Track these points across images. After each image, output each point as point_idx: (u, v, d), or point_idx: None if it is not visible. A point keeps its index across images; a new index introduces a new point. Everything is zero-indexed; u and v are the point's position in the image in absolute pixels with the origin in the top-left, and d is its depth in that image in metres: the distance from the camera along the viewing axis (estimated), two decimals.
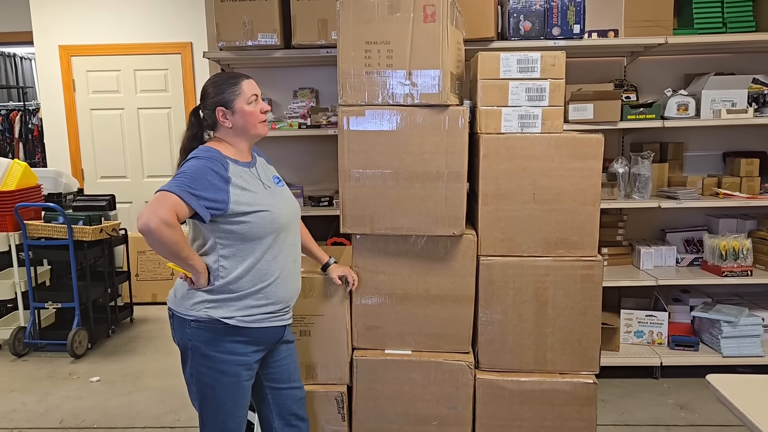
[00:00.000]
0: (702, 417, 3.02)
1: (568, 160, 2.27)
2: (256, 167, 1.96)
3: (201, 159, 1.79)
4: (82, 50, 5.20)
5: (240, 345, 1.88)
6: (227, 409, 1.93)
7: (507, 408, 2.36)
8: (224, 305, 1.86)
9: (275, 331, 1.96)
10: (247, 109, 1.88)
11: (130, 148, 5.35)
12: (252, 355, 1.92)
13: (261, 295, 1.89)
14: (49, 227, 3.99)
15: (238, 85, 1.88)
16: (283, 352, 2.07)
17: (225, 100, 1.87)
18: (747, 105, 3.31)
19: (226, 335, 1.86)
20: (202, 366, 1.89)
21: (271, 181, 1.99)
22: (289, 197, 2.02)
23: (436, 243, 2.33)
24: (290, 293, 1.98)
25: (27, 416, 3.19)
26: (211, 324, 1.85)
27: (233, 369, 1.89)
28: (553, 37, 3.19)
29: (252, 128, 1.91)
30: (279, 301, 1.93)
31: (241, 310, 1.87)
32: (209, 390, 1.91)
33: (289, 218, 1.94)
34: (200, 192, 1.73)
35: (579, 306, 2.34)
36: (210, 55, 3.37)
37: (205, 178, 1.75)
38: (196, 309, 1.86)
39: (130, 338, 4.36)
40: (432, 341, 2.40)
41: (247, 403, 1.99)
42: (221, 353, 1.87)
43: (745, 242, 3.37)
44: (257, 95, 1.92)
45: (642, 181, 3.37)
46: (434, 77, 2.18)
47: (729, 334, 3.32)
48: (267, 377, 2.07)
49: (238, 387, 1.92)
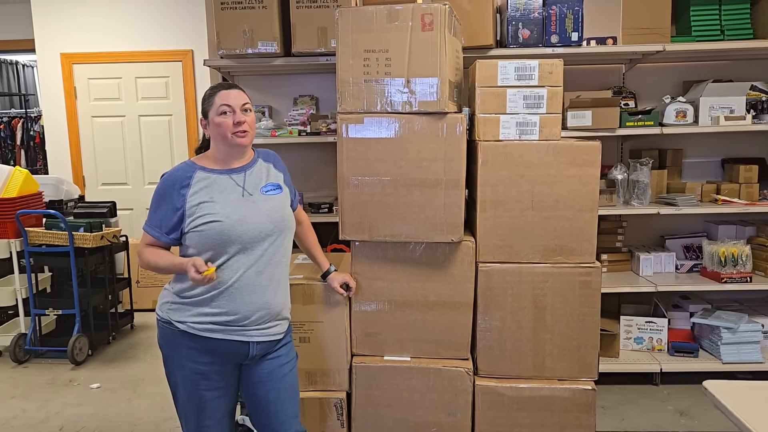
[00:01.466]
0: (702, 423, 3.01)
1: (565, 167, 2.28)
2: (245, 174, 1.94)
3: (158, 187, 1.92)
4: (83, 58, 5.23)
5: (195, 352, 1.88)
6: (190, 416, 1.93)
7: (506, 414, 2.36)
8: (181, 309, 1.88)
9: (233, 345, 1.88)
10: (216, 120, 1.89)
11: (131, 155, 5.37)
12: (208, 365, 1.88)
13: (214, 303, 1.85)
14: (50, 234, 4.00)
15: (213, 96, 1.91)
16: (259, 375, 1.96)
17: (204, 110, 1.94)
18: (745, 112, 3.32)
19: (183, 339, 1.88)
20: (168, 366, 1.94)
21: (257, 190, 1.93)
22: (270, 208, 1.92)
23: (435, 250, 2.33)
24: (248, 306, 1.87)
25: (27, 423, 3.19)
26: (170, 326, 1.89)
27: (190, 375, 1.89)
28: (552, 44, 3.21)
29: (223, 138, 1.89)
30: (233, 312, 1.86)
31: (194, 316, 1.86)
32: (175, 390, 1.95)
33: (249, 230, 1.85)
34: (157, 223, 1.89)
35: (577, 312, 2.34)
36: (210, 63, 3.39)
37: (160, 209, 1.89)
38: (163, 309, 1.93)
39: (130, 345, 4.37)
40: (431, 348, 2.40)
41: (214, 414, 1.92)
42: (179, 357, 1.90)
43: (744, 248, 3.38)
44: (229, 105, 1.87)
45: (641, 188, 3.38)
46: (432, 85, 2.20)
47: (729, 340, 3.32)
48: (245, 396, 2.02)
49: (196, 395, 1.89)
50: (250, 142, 1.95)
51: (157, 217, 1.89)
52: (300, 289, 2.33)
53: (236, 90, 1.92)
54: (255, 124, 1.97)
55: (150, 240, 1.91)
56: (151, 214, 1.91)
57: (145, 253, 1.91)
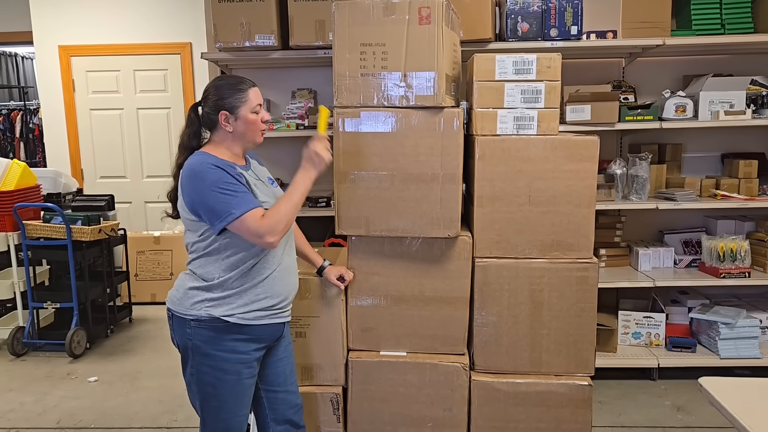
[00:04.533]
0: (699, 419, 3.01)
1: (563, 162, 2.27)
2: (252, 170, 1.99)
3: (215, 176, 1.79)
4: (81, 50, 5.21)
5: (241, 343, 1.89)
6: (229, 408, 1.93)
7: (502, 410, 2.36)
8: (224, 303, 1.87)
9: (275, 328, 1.98)
10: (251, 117, 1.89)
11: (130, 148, 5.36)
12: (253, 353, 1.93)
13: (259, 290, 1.90)
14: (47, 227, 4.00)
15: (246, 92, 1.89)
16: (281, 352, 2.07)
17: (230, 105, 1.87)
18: (745, 106, 3.30)
19: (227, 333, 1.88)
20: (203, 365, 1.90)
21: (267, 182, 2.04)
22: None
23: (432, 245, 2.32)
24: (288, 287, 1.99)
25: (25, 416, 3.19)
26: (212, 323, 1.87)
27: (234, 367, 1.90)
28: (551, 38, 3.19)
29: (252, 136, 1.93)
30: (277, 294, 1.94)
31: (240, 307, 1.87)
32: (210, 389, 1.91)
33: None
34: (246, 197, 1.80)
35: (574, 308, 2.33)
36: (208, 56, 3.38)
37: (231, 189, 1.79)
38: (197, 308, 1.87)
39: (128, 338, 4.37)
40: (427, 343, 2.40)
41: (248, 401, 1.99)
42: (222, 352, 1.88)
43: (743, 244, 3.37)
44: (261, 104, 1.93)
45: (640, 183, 3.37)
46: (429, 79, 2.18)
47: (727, 335, 3.32)
48: (263, 379, 2.07)
49: (240, 385, 1.92)
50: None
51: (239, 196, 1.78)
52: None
53: (257, 87, 1.96)
54: None
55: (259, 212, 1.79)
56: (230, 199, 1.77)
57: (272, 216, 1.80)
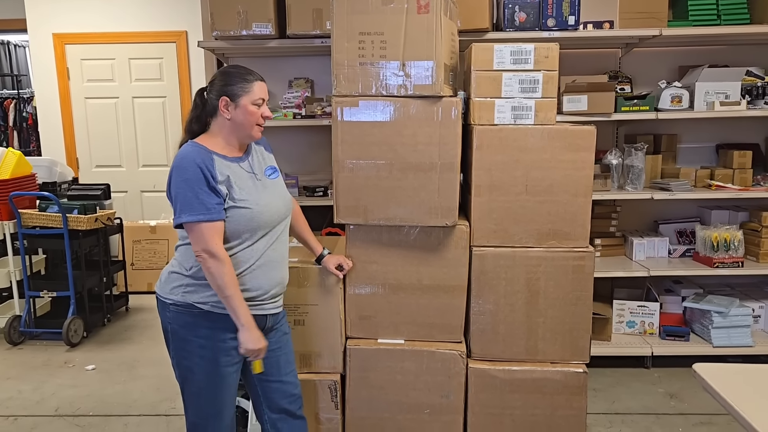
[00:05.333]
0: (691, 406, 3.05)
1: (560, 152, 2.29)
2: (250, 160, 1.96)
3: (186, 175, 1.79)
4: (76, 38, 5.17)
5: (217, 331, 1.88)
6: (207, 394, 1.94)
7: (498, 397, 2.39)
8: (200, 290, 1.87)
9: (255, 320, 1.91)
10: (251, 108, 1.87)
11: (125, 137, 5.34)
12: (230, 341, 1.89)
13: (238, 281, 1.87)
14: (43, 216, 3.99)
15: (251, 83, 1.88)
16: (272, 343, 2.02)
17: (233, 92, 1.87)
18: (740, 97, 3.32)
19: (204, 320, 1.88)
20: (182, 350, 1.92)
21: (262, 174, 1.97)
22: (280, 191, 2.00)
23: (429, 233, 2.34)
24: (270, 282, 1.94)
25: (23, 404, 3.21)
26: (189, 308, 1.88)
27: (211, 354, 1.89)
28: (548, 28, 3.19)
29: (248, 128, 1.89)
30: (256, 288, 1.91)
31: (214, 296, 1.85)
32: (189, 374, 1.93)
33: (273, 215, 1.92)
34: (204, 204, 1.78)
35: (570, 296, 2.36)
36: (204, 45, 3.37)
37: (196, 189, 1.78)
38: (175, 293, 1.89)
39: (125, 327, 4.38)
40: (425, 331, 2.42)
41: (230, 389, 1.97)
42: (199, 338, 1.89)
43: (736, 234, 3.40)
44: (264, 99, 1.91)
45: (635, 173, 3.39)
46: (428, 68, 2.19)
47: (719, 324, 3.36)
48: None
49: (217, 373, 1.91)
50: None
51: (197, 200, 1.78)
52: (295, 272, 2.32)
53: (264, 83, 1.95)
54: None
55: (213, 230, 1.78)
56: (188, 201, 1.78)
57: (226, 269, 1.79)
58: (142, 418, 3.04)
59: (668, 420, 2.93)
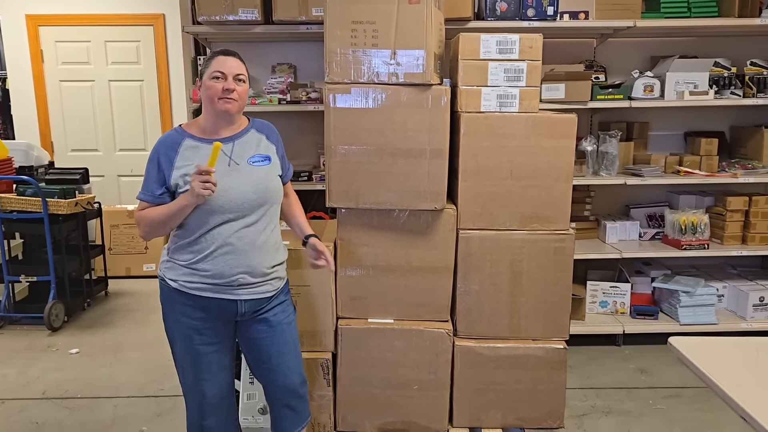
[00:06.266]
0: (660, 380, 3.23)
1: (543, 139, 2.39)
2: (233, 143, 1.97)
3: (150, 153, 1.97)
4: (50, 20, 5.08)
5: (189, 308, 1.96)
6: (187, 371, 2.02)
7: (483, 372, 2.51)
8: (173, 268, 1.97)
9: (223, 303, 1.95)
10: (207, 83, 1.92)
11: (102, 121, 5.28)
12: (200, 321, 1.97)
13: (199, 266, 1.93)
14: (23, 200, 3.96)
15: (211, 60, 1.94)
16: (259, 331, 2.06)
17: (201, 72, 1.98)
18: (708, 87, 3.48)
19: (178, 296, 1.97)
20: (165, 321, 2.03)
21: (244, 160, 1.96)
22: (256, 178, 1.95)
23: (418, 217, 2.43)
24: (232, 270, 1.93)
25: (8, 388, 3.21)
26: (165, 284, 1.99)
27: (185, 331, 1.98)
28: (528, 18, 3.29)
29: (210, 102, 1.92)
30: (219, 275, 1.92)
31: (184, 275, 1.95)
32: (172, 345, 2.04)
33: (233, 199, 1.90)
34: (149, 188, 1.94)
35: (551, 277, 2.48)
36: (189, 29, 3.38)
37: (149, 174, 1.95)
38: (160, 268, 2.04)
39: (106, 311, 4.38)
40: (413, 311, 2.51)
41: (210, 368, 2.00)
42: (175, 313, 1.99)
43: (703, 217, 3.57)
44: (223, 72, 1.90)
45: (609, 159, 3.53)
46: (418, 57, 2.27)
47: (686, 303, 3.54)
48: (246, 351, 2.13)
49: (192, 349, 1.98)
50: (237, 110, 1.95)
51: (149, 182, 1.94)
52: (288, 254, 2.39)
53: (234, 59, 1.94)
54: (246, 95, 1.99)
55: (144, 206, 1.95)
56: (144, 181, 1.95)
57: (143, 216, 1.93)
58: (131, 400, 3.08)
59: (639, 393, 3.09)
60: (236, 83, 1.92)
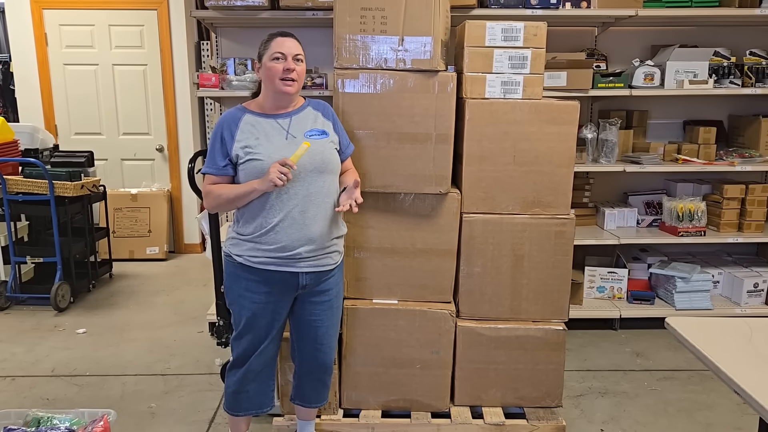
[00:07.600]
0: (656, 363, 3.31)
1: (546, 125, 2.45)
2: (290, 118, 2.07)
3: (213, 131, 2.09)
4: (54, 3, 5.09)
5: (253, 283, 2.08)
6: (245, 338, 2.16)
7: (484, 352, 2.58)
8: (238, 244, 2.08)
9: (285, 276, 2.06)
10: (268, 64, 2.02)
11: (105, 104, 5.31)
12: (264, 295, 2.08)
13: (263, 239, 2.03)
14: (29, 182, 4.00)
15: (270, 41, 2.04)
16: (313, 313, 2.17)
17: (259, 54, 2.07)
18: (708, 76, 3.53)
19: (241, 272, 2.08)
20: (229, 296, 2.17)
21: (301, 134, 2.05)
22: (312, 150, 2.00)
23: (423, 200, 2.49)
24: (294, 242, 2.02)
25: (18, 365, 3.28)
26: (232, 259, 2.10)
27: (247, 304, 2.10)
28: (531, 6, 3.33)
29: (271, 83, 2.02)
30: (282, 248, 2.02)
31: (249, 250, 2.06)
32: (235, 315, 2.17)
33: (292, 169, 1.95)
34: (213, 160, 2.05)
35: (552, 260, 2.54)
36: (197, 14, 3.41)
37: (213, 149, 2.06)
38: (226, 244, 2.15)
39: (111, 293, 4.44)
40: (417, 292, 2.58)
41: (268, 336, 2.15)
42: (238, 288, 2.11)
43: (700, 205, 3.64)
44: (283, 53, 2.00)
45: (609, 147, 3.59)
46: (426, 44, 2.32)
47: (682, 289, 3.61)
48: (294, 327, 2.25)
49: (253, 320, 2.12)
50: (296, 90, 2.06)
51: (213, 155, 2.05)
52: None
53: (292, 39, 2.05)
54: (304, 74, 2.08)
55: (211, 180, 2.06)
56: (208, 155, 2.07)
57: (213, 190, 2.03)
58: (138, 378, 3.15)
59: (635, 375, 3.17)
60: (295, 63, 2.02)
